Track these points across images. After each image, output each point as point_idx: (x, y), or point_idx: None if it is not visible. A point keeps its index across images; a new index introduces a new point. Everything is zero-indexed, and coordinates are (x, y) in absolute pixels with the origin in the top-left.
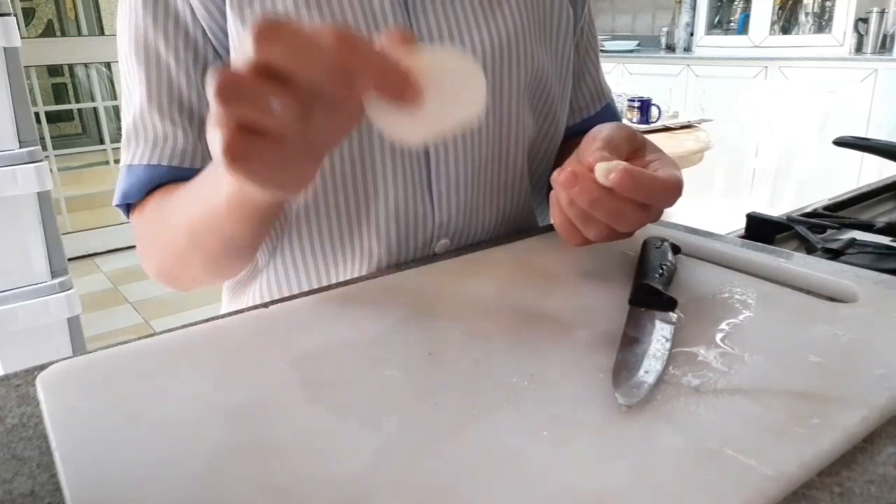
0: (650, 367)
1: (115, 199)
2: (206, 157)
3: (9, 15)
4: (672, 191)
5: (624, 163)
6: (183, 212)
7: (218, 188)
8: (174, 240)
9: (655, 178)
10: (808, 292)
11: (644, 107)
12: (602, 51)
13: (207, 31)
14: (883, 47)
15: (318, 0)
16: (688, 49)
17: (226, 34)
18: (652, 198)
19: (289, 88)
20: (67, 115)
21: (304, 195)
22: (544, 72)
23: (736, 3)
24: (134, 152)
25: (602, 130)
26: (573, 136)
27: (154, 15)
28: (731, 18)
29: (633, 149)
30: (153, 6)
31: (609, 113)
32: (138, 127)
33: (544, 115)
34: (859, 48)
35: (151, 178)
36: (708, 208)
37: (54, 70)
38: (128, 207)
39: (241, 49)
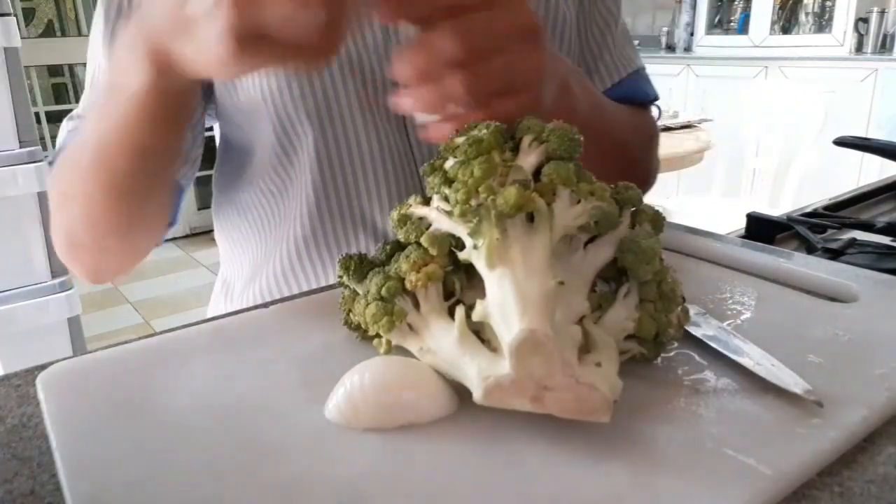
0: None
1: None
2: None
3: (9, 15)
4: None
5: None
6: (89, 136)
7: (128, 87)
8: (80, 179)
9: None
10: (808, 292)
11: None
12: None
13: None
14: (883, 47)
15: None
16: (688, 49)
17: None
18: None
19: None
20: (67, 115)
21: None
22: None
23: (736, 2)
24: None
25: None
26: None
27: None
28: (732, 18)
29: None
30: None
31: (631, 86)
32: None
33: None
34: (859, 48)
35: None
36: (708, 208)
37: (54, 70)
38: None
39: None
